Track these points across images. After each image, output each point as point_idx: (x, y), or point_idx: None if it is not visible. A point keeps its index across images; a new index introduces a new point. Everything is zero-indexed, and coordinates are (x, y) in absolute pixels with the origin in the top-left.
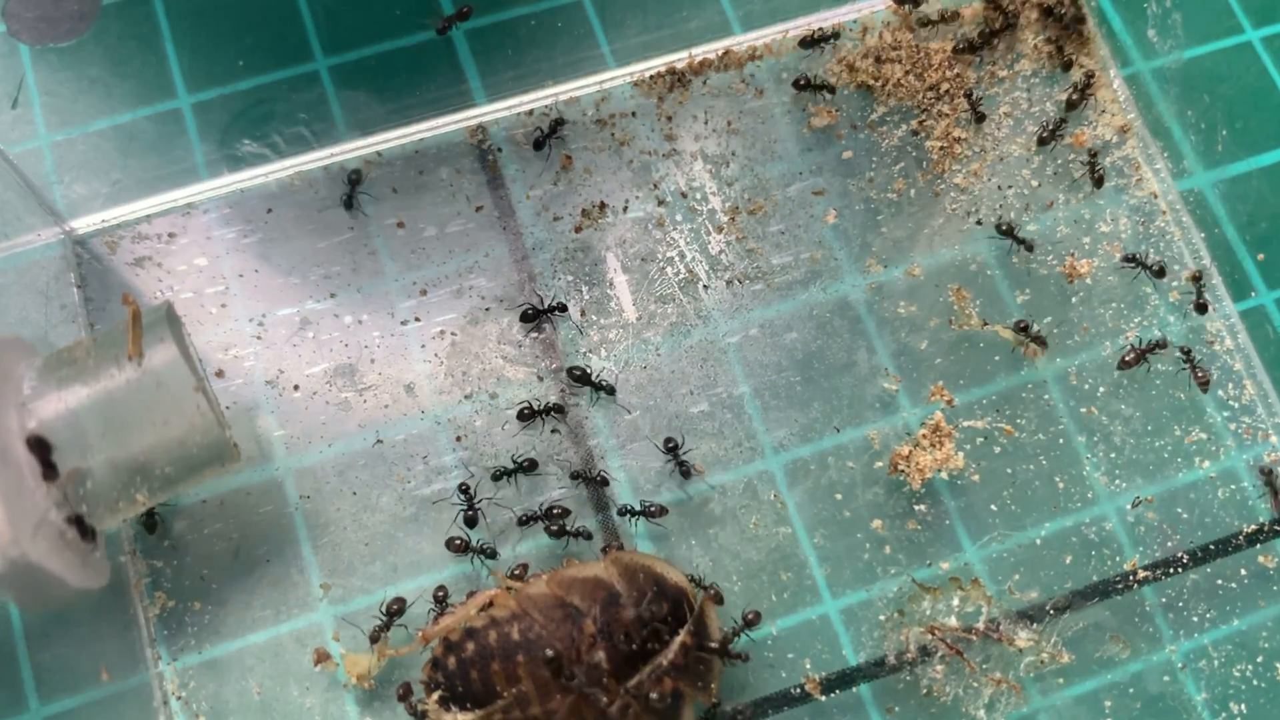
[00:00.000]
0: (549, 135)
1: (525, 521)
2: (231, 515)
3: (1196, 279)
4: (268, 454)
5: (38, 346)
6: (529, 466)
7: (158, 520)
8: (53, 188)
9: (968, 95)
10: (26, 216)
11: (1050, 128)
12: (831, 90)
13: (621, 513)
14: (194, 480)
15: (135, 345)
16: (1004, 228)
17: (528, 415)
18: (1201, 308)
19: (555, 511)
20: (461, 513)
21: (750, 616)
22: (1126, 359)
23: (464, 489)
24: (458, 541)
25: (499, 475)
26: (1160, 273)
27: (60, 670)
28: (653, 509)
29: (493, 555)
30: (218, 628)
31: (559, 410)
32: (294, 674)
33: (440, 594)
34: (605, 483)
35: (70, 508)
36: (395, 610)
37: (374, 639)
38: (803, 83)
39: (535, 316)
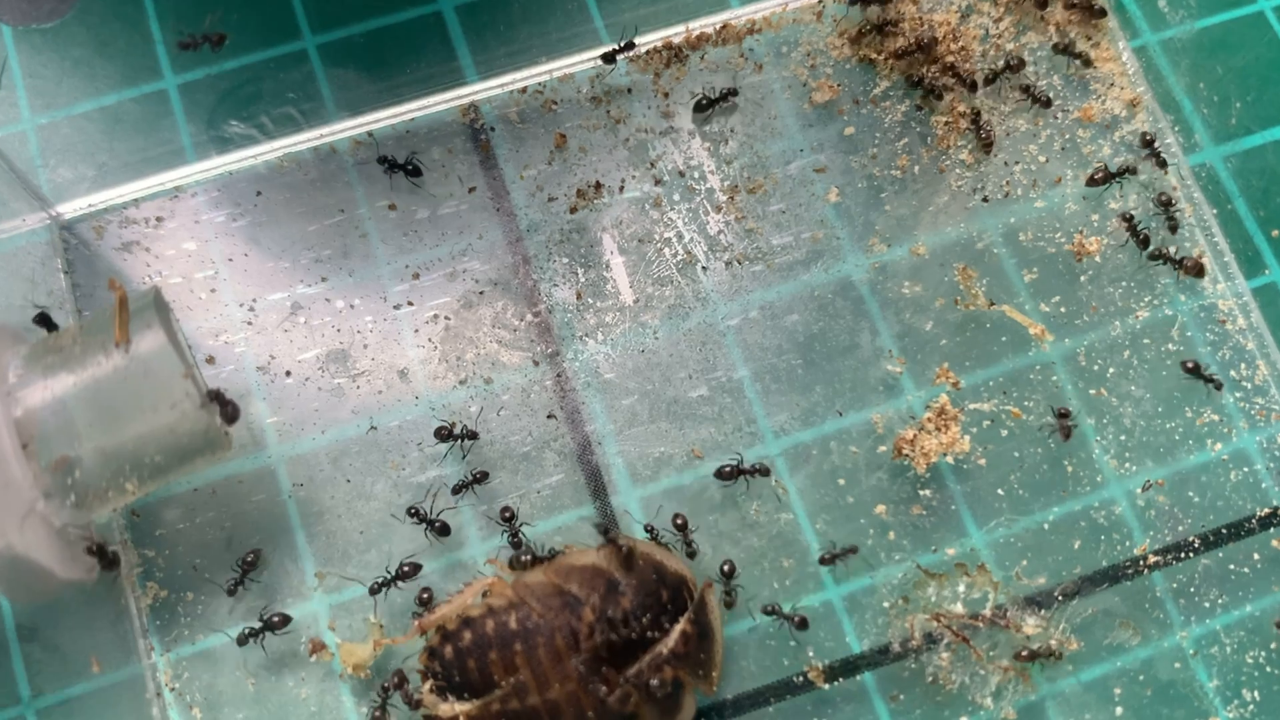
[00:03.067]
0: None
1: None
2: (224, 504)
3: (1149, 143)
4: (260, 442)
5: (24, 334)
6: (481, 478)
7: (116, 557)
8: (38, 172)
9: (1027, 89)
10: (11, 202)
11: (1104, 171)
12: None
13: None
14: (185, 469)
15: (122, 332)
16: (1190, 366)
17: (445, 435)
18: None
19: (507, 515)
20: (429, 526)
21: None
22: (1095, 177)
23: (412, 512)
24: (507, 512)
25: (458, 489)
26: (1145, 242)
27: (52, 662)
28: (477, 475)
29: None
30: (211, 618)
31: (473, 436)
32: (289, 664)
33: (425, 595)
34: (484, 477)
35: (60, 500)
36: (276, 622)
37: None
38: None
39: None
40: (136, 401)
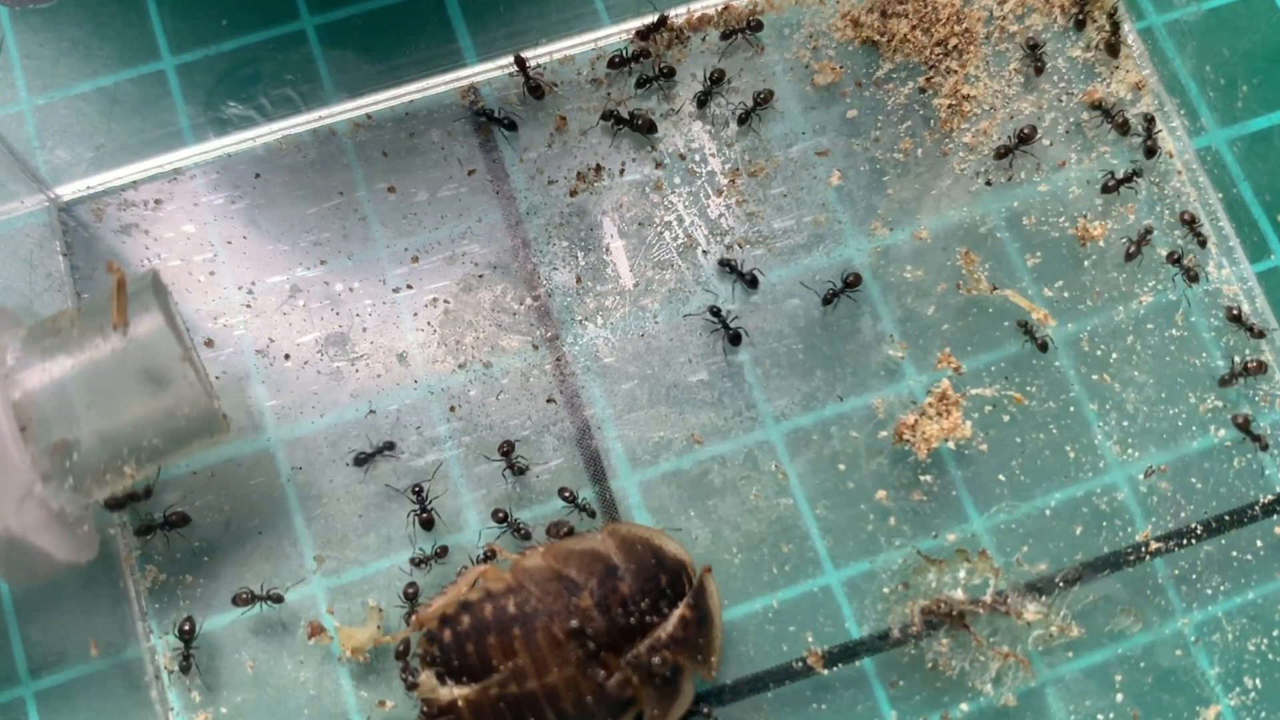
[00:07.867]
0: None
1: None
2: (222, 487)
3: (1150, 121)
4: (259, 425)
5: (22, 316)
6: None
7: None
8: (35, 153)
9: (1032, 47)
10: (9, 183)
11: (1114, 177)
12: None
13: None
14: (183, 452)
15: (120, 314)
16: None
17: (363, 459)
18: (1150, 150)
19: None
20: (415, 515)
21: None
22: (1108, 184)
23: (418, 490)
24: (500, 514)
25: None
26: (1128, 179)
27: (50, 644)
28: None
29: (527, 536)
30: (210, 601)
31: (390, 447)
32: (287, 647)
33: (410, 590)
34: (528, 535)
35: (58, 483)
36: (273, 596)
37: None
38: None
39: None
40: (135, 384)
